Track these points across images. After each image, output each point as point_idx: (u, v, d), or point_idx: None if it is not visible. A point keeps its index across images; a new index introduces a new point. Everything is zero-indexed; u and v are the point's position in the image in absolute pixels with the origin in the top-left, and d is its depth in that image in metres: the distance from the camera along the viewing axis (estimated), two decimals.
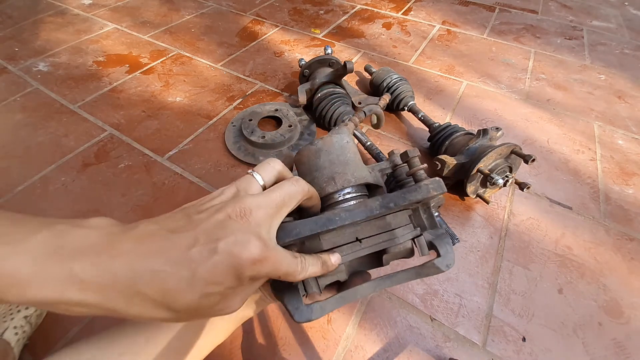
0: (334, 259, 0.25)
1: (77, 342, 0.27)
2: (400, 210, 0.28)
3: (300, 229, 0.24)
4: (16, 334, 0.48)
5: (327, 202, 0.29)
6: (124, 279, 0.17)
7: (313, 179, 0.29)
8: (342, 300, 0.26)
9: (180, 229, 0.19)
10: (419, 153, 0.30)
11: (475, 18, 1.37)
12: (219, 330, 0.30)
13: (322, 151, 0.29)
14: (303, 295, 0.26)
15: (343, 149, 0.30)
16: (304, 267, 0.23)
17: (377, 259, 0.29)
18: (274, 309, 0.55)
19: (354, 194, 0.29)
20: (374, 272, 0.36)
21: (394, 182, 0.33)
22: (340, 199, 0.28)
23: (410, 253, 0.29)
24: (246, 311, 0.31)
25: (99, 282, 0.17)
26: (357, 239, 0.27)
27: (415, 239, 0.28)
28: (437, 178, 0.28)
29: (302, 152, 0.30)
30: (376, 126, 0.33)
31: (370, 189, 0.31)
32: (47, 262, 0.16)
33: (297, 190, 0.24)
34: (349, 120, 0.34)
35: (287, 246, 0.24)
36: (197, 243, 0.19)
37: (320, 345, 0.52)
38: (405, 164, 0.31)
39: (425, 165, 0.30)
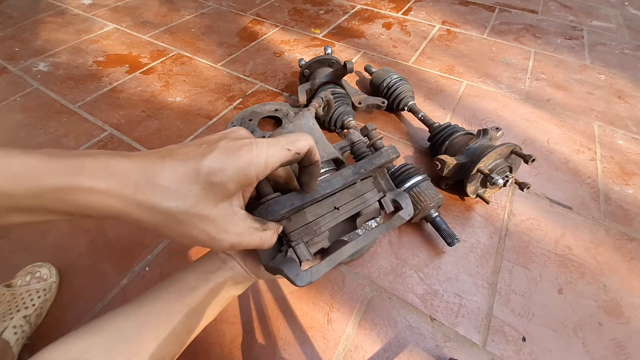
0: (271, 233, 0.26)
1: (65, 335, 0.27)
2: (365, 178, 0.33)
3: (293, 201, 0.26)
4: (15, 333, 0.48)
5: None
6: (137, 169, 0.20)
7: None
8: (332, 262, 0.29)
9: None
10: (375, 126, 0.35)
11: (475, 18, 1.37)
12: (207, 312, 0.30)
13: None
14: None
15: (311, 129, 0.33)
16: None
17: (350, 225, 0.33)
18: (274, 309, 0.55)
19: (326, 168, 0.33)
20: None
21: (355, 156, 0.38)
22: None
23: (377, 213, 0.34)
24: (231, 291, 0.31)
25: (113, 171, 0.19)
26: (335, 208, 0.30)
27: (381, 200, 0.33)
28: (392, 145, 0.33)
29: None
30: (325, 114, 0.34)
31: (337, 165, 0.35)
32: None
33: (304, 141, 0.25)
34: (310, 105, 0.38)
35: (278, 222, 0.27)
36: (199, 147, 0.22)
37: (320, 345, 0.52)
38: (365, 137, 0.35)
39: (381, 136, 0.35)
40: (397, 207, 0.34)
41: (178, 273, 0.30)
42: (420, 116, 0.82)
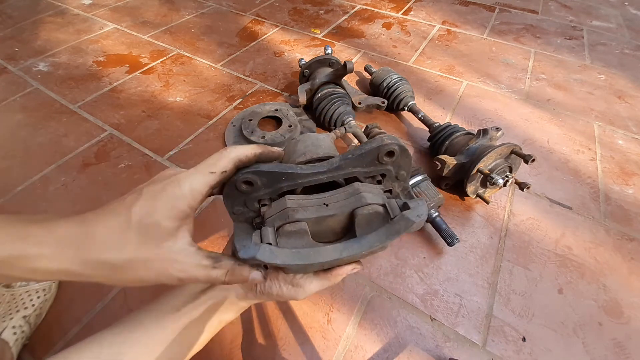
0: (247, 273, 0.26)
1: (76, 343, 0.26)
2: (368, 178, 0.29)
3: (261, 167, 0.26)
4: (15, 333, 0.48)
5: None
6: (77, 230, 0.23)
7: (289, 159, 0.34)
8: (298, 256, 0.24)
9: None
10: (377, 124, 0.34)
11: (475, 18, 1.37)
12: (193, 339, 0.29)
13: (299, 141, 0.35)
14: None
15: (317, 139, 0.34)
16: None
17: (350, 231, 0.28)
18: (274, 309, 0.55)
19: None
20: None
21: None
22: None
23: (379, 216, 0.27)
24: (223, 314, 0.30)
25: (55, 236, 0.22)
26: (324, 204, 0.27)
27: (385, 203, 0.28)
28: (392, 135, 0.29)
29: (287, 145, 0.36)
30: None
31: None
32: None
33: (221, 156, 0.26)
34: (332, 132, 0.40)
35: (257, 205, 0.27)
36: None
37: (320, 345, 0.52)
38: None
39: (384, 131, 0.34)
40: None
41: (164, 294, 0.29)
42: (420, 116, 0.82)
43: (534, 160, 0.60)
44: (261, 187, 0.27)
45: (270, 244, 0.25)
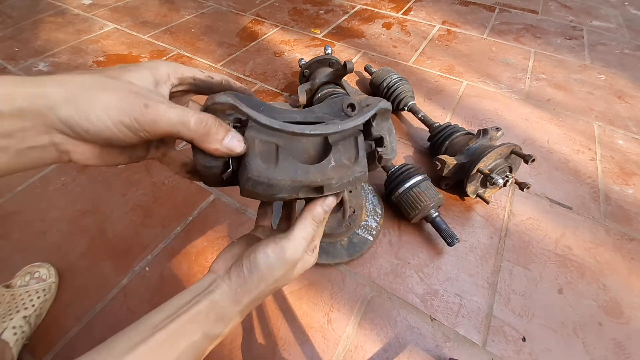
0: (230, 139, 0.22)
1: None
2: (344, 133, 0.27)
3: (243, 106, 0.23)
4: (15, 334, 0.48)
5: None
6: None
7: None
8: (268, 119, 0.22)
9: None
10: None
11: (475, 18, 1.37)
12: (191, 349, 0.23)
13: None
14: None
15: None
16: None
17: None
18: (274, 310, 0.55)
19: None
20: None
21: None
22: None
23: (356, 133, 0.27)
24: (212, 328, 0.24)
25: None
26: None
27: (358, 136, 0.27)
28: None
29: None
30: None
31: None
32: None
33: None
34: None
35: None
36: None
37: (320, 345, 0.52)
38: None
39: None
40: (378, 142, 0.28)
41: (150, 312, 0.24)
42: (420, 116, 0.82)
43: (534, 160, 0.60)
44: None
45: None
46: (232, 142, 0.22)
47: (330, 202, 0.27)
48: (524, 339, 0.53)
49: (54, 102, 0.19)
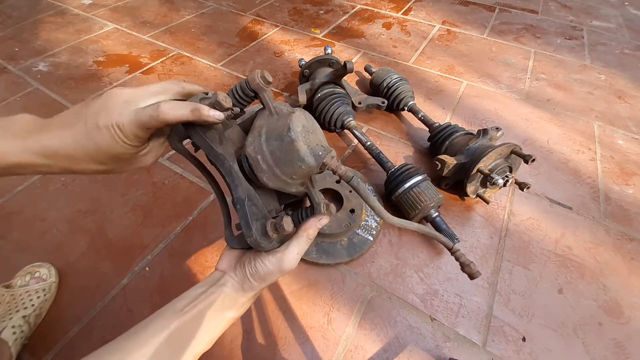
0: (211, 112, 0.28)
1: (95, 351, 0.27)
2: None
3: (199, 141, 0.31)
4: (14, 333, 0.48)
5: None
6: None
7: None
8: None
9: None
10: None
11: (475, 18, 1.37)
12: (199, 338, 0.29)
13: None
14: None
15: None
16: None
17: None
18: (274, 310, 0.55)
19: None
20: None
21: None
22: None
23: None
24: (225, 312, 0.31)
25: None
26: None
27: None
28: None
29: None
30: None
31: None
32: None
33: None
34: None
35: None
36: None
37: (320, 345, 0.52)
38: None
39: None
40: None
41: (170, 302, 0.30)
42: (420, 116, 0.82)
43: (534, 160, 0.60)
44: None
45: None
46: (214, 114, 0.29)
47: (324, 222, 0.33)
48: (524, 339, 0.53)
49: None
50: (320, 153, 0.29)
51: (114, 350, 0.27)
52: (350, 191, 0.68)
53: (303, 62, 0.90)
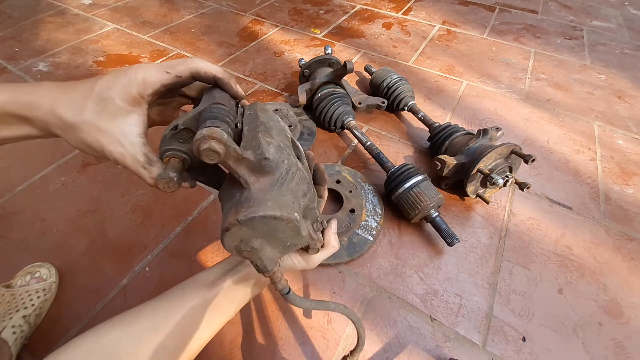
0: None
1: (95, 326, 0.29)
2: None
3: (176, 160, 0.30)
4: (14, 333, 0.48)
5: None
6: (57, 90, 0.28)
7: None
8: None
9: None
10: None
11: (475, 18, 1.37)
12: (226, 308, 0.33)
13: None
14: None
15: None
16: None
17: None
18: (274, 310, 0.55)
19: None
20: None
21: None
22: None
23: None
24: (248, 287, 0.34)
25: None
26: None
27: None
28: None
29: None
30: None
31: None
32: None
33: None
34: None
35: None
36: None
37: (320, 345, 0.52)
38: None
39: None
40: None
41: (200, 272, 0.34)
42: (420, 116, 0.82)
43: (534, 160, 0.60)
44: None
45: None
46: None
47: (335, 225, 0.36)
48: (524, 339, 0.53)
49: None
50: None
51: (155, 309, 0.30)
52: (350, 191, 0.68)
53: (303, 62, 0.91)
